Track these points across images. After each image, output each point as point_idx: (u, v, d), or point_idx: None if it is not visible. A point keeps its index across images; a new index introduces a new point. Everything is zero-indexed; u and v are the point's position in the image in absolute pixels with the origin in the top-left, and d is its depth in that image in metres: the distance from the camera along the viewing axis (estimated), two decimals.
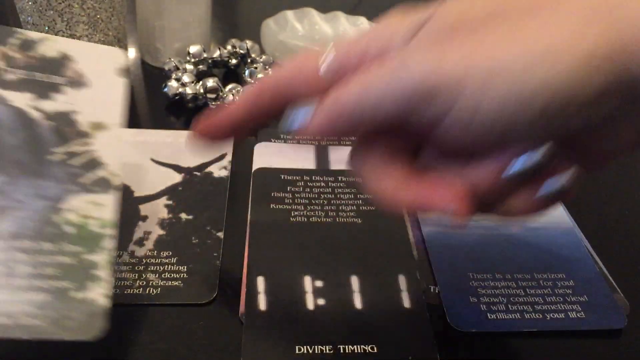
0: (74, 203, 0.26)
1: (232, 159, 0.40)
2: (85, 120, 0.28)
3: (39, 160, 0.26)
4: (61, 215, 0.25)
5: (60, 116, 0.27)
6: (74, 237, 0.25)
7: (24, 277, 0.23)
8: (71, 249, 0.24)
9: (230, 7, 0.66)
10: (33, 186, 0.26)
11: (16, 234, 0.24)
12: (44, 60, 0.29)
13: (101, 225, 0.25)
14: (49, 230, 0.25)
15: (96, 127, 0.28)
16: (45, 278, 0.23)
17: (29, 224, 0.25)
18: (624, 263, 0.34)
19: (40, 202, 0.25)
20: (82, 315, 0.23)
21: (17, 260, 0.24)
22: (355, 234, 0.34)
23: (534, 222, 0.35)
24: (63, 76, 0.29)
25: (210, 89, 0.43)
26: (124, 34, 0.48)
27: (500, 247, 0.33)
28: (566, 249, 0.34)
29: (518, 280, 0.31)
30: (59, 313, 0.23)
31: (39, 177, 0.26)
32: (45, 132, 0.27)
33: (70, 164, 0.27)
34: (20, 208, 0.25)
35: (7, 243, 0.24)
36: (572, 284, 0.31)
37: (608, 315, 0.30)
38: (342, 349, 0.27)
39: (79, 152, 0.27)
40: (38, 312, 0.23)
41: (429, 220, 0.35)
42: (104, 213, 0.26)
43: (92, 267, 0.24)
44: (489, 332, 0.29)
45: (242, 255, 0.32)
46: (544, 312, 0.30)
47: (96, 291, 0.23)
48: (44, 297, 0.23)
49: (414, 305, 0.30)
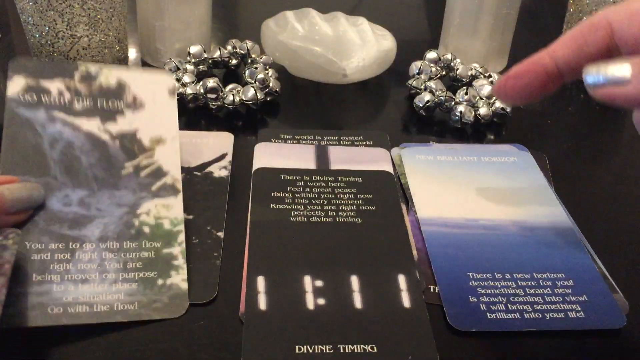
0: (148, 207, 0.30)
1: (232, 159, 0.40)
2: (146, 137, 0.33)
3: (113, 175, 0.31)
4: (138, 218, 0.30)
5: (125, 136, 0.32)
6: (151, 235, 0.29)
7: (114, 272, 0.27)
8: (150, 245, 0.29)
9: (230, 8, 0.66)
10: (111, 197, 0.30)
11: (102, 237, 0.28)
12: (105, 89, 0.33)
13: (172, 223, 0.30)
14: (129, 232, 0.29)
15: (156, 142, 0.33)
16: (132, 271, 0.27)
17: (111, 228, 0.29)
18: (623, 263, 0.34)
19: (119, 209, 0.30)
20: (167, 298, 0.27)
21: (106, 258, 0.28)
22: (355, 234, 0.34)
23: (533, 222, 0.35)
24: (123, 101, 0.33)
25: (211, 89, 0.43)
26: (124, 34, 0.48)
27: (500, 247, 0.33)
28: (566, 249, 0.34)
29: (518, 280, 0.31)
30: (148, 298, 0.27)
31: (115, 189, 0.30)
32: (116, 151, 0.32)
33: (140, 175, 0.31)
34: (102, 216, 0.29)
35: (96, 245, 0.28)
36: (572, 283, 0.31)
37: (608, 315, 0.30)
38: (342, 348, 0.27)
39: (146, 164, 0.32)
40: (130, 298, 0.26)
41: (429, 220, 0.35)
42: (173, 213, 0.30)
43: (170, 258, 0.28)
44: (489, 331, 0.29)
45: (242, 255, 0.32)
46: (544, 311, 0.30)
47: (176, 277, 0.28)
48: (133, 286, 0.27)
49: (414, 305, 0.30)
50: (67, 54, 0.45)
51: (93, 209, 0.29)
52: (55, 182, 0.30)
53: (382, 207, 0.36)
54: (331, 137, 0.42)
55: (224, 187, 0.37)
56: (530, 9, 0.69)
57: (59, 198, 0.30)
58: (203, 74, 0.48)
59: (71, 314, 0.26)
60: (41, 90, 0.32)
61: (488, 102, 0.45)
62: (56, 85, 0.33)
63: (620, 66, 0.23)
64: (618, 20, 0.25)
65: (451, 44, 0.53)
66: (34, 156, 0.30)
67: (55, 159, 0.30)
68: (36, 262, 0.27)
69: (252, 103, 0.44)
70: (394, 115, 0.47)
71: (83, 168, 0.31)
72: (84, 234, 0.29)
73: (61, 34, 0.44)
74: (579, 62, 0.26)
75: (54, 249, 0.28)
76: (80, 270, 0.27)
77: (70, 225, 0.29)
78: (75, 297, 0.26)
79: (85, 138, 0.32)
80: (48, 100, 0.32)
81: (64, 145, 0.31)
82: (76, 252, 0.28)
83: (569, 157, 0.43)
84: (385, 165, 0.40)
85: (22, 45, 0.53)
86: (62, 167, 0.30)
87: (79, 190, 0.30)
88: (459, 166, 0.40)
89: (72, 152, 0.31)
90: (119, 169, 0.31)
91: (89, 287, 0.27)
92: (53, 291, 0.26)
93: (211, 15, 0.51)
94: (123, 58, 0.49)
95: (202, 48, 0.48)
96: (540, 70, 0.26)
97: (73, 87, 0.33)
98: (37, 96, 0.32)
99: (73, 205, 0.29)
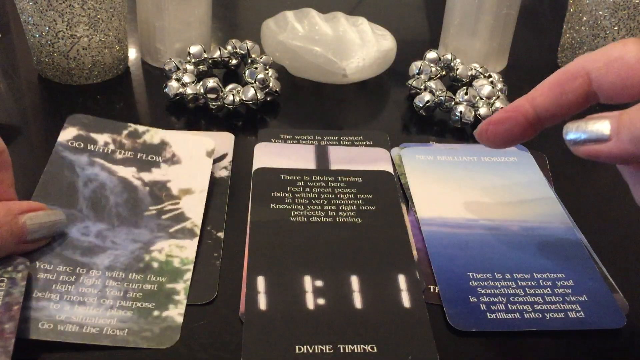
0: (161, 245, 0.31)
1: (232, 159, 0.40)
2: (176, 187, 0.34)
3: (136, 215, 0.32)
4: (150, 254, 0.30)
5: (156, 184, 0.34)
6: (158, 270, 0.30)
7: (113, 299, 0.28)
8: (155, 279, 0.29)
9: (230, 8, 0.66)
10: (129, 233, 0.31)
11: (110, 267, 0.29)
12: (147, 145, 0.36)
13: (182, 262, 0.30)
14: (137, 265, 0.30)
15: (185, 192, 0.34)
16: (130, 300, 0.28)
17: (121, 259, 0.30)
18: (623, 263, 0.34)
19: (134, 244, 0.31)
20: (159, 329, 0.27)
21: (108, 285, 0.28)
22: (355, 234, 0.34)
23: (533, 222, 0.35)
24: (161, 156, 0.36)
25: (211, 89, 0.43)
26: (124, 34, 0.48)
27: (500, 246, 0.33)
28: (566, 249, 0.34)
29: (518, 280, 0.31)
30: (140, 326, 0.27)
31: (134, 227, 0.31)
32: (144, 195, 0.33)
33: (161, 218, 0.32)
34: (116, 248, 0.30)
35: (102, 273, 0.29)
36: (572, 283, 0.31)
37: (608, 315, 0.30)
38: (341, 348, 0.27)
39: (169, 209, 0.33)
40: (121, 325, 0.27)
41: (429, 220, 0.35)
42: (186, 253, 0.31)
43: (172, 293, 0.29)
44: (489, 331, 0.29)
45: (242, 255, 0.32)
46: (544, 311, 0.30)
47: (174, 311, 0.28)
48: (128, 314, 0.27)
49: (414, 305, 0.30)
50: (67, 54, 0.45)
51: (108, 242, 0.30)
52: (80, 215, 0.31)
53: (382, 207, 0.36)
54: (331, 137, 0.42)
55: (224, 187, 0.37)
56: (530, 9, 0.69)
57: (79, 228, 0.31)
58: (203, 74, 0.48)
59: (60, 331, 0.26)
60: (89, 140, 0.35)
61: (488, 102, 0.45)
62: (104, 138, 0.36)
63: (600, 123, 0.24)
64: (595, 68, 0.25)
65: (451, 44, 0.53)
66: (66, 191, 0.32)
67: (86, 195, 0.32)
68: (41, 280, 0.28)
69: (252, 103, 0.44)
70: (393, 115, 0.47)
71: (109, 206, 0.32)
72: (94, 261, 0.29)
73: (61, 34, 0.44)
74: (558, 110, 0.26)
75: (61, 271, 0.29)
76: (80, 293, 0.28)
77: (82, 253, 0.30)
78: (68, 317, 0.27)
79: (118, 181, 0.34)
80: (93, 148, 0.35)
81: (97, 185, 0.33)
82: (81, 276, 0.29)
83: (569, 157, 0.43)
84: (385, 165, 0.40)
85: (22, 45, 0.53)
86: (89, 202, 0.32)
87: (99, 223, 0.31)
88: (459, 166, 0.40)
89: (102, 192, 0.33)
90: (142, 211, 0.32)
91: (84, 309, 0.27)
92: (49, 308, 0.27)
93: (211, 15, 0.51)
94: (123, 58, 0.49)
95: (202, 48, 0.48)
96: (520, 117, 0.27)
97: (118, 141, 0.36)
98: (84, 144, 0.35)
99: (90, 235, 0.30)
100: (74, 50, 0.45)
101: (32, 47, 0.46)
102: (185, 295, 0.29)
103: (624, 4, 0.48)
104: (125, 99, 0.47)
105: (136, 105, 0.47)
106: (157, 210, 0.33)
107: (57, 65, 0.46)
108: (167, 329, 0.27)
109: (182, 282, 0.29)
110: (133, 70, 0.50)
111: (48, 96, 0.46)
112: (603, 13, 0.49)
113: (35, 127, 0.44)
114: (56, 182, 0.33)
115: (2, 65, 0.50)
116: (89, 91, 0.47)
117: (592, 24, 0.50)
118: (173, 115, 0.44)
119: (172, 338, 0.27)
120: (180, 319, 0.28)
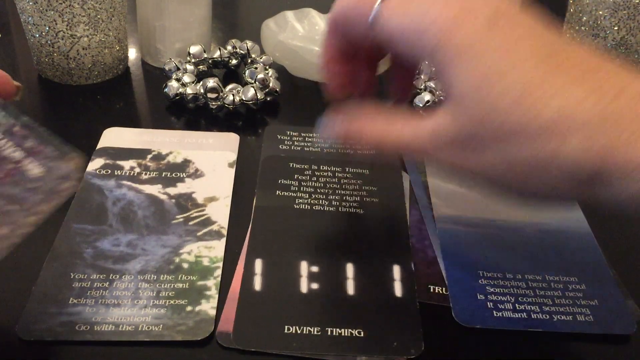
0: (190, 248, 0.32)
1: (239, 146, 0.40)
2: (201, 196, 0.36)
3: (164, 224, 0.34)
4: (179, 256, 0.32)
5: (181, 196, 0.36)
6: (189, 270, 0.31)
7: (147, 299, 0.29)
8: (186, 278, 0.30)
9: (230, 8, 0.66)
10: (158, 240, 0.33)
11: (142, 271, 0.31)
12: (171, 165, 0.38)
13: (211, 260, 0.32)
14: (168, 267, 0.31)
15: (209, 200, 0.36)
16: (164, 298, 0.29)
17: (152, 263, 0.31)
18: (637, 270, 0.33)
19: (164, 249, 0.32)
20: (193, 322, 0.28)
21: (141, 287, 0.30)
22: (355, 224, 0.34)
23: (551, 225, 0.35)
24: (185, 172, 0.37)
25: (211, 89, 0.43)
26: (124, 34, 0.48)
27: (514, 247, 0.33)
28: (581, 254, 0.33)
29: (528, 281, 0.31)
30: (174, 321, 0.28)
31: (163, 234, 0.33)
32: (170, 207, 0.35)
33: (188, 224, 0.34)
34: (146, 255, 0.32)
35: (135, 277, 0.30)
36: (584, 287, 0.31)
37: (617, 321, 0.29)
38: (329, 331, 0.28)
39: (196, 216, 0.34)
40: (156, 321, 0.28)
41: (445, 218, 0.35)
42: (214, 252, 0.32)
43: (204, 289, 0.30)
44: (494, 329, 0.29)
45: (242, 242, 0.33)
46: (552, 313, 0.29)
47: (206, 305, 0.29)
48: (162, 311, 0.29)
49: (405, 295, 0.30)
50: (67, 54, 0.45)
51: (139, 249, 0.32)
52: (110, 229, 0.33)
53: (386, 199, 0.36)
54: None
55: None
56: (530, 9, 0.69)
57: (110, 241, 0.32)
58: (203, 74, 0.48)
59: (96, 331, 0.27)
60: (116, 167, 0.37)
61: None
62: (129, 164, 0.38)
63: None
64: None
65: None
66: (96, 210, 0.34)
67: (115, 212, 0.34)
68: (76, 289, 0.29)
69: (252, 103, 0.44)
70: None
71: (137, 218, 0.34)
72: (126, 267, 0.31)
73: (61, 34, 0.44)
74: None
75: (95, 278, 0.30)
76: (115, 297, 0.29)
77: (114, 261, 0.31)
78: (104, 318, 0.28)
79: (145, 197, 0.35)
80: (120, 173, 0.37)
81: (125, 202, 0.35)
82: (115, 281, 0.30)
83: None
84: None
85: (22, 45, 0.52)
86: (118, 218, 0.34)
87: (129, 234, 0.33)
88: None
89: (130, 208, 0.34)
90: (170, 220, 0.34)
91: (119, 310, 0.28)
92: (85, 312, 0.28)
93: (211, 15, 0.51)
94: (123, 58, 0.49)
95: (202, 48, 0.48)
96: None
97: (143, 164, 0.38)
98: (111, 171, 0.37)
99: (121, 246, 0.32)
100: (74, 50, 0.45)
101: (32, 47, 0.46)
102: (216, 289, 0.30)
103: (624, 4, 0.48)
104: (125, 99, 0.46)
105: (136, 105, 0.47)
106: (184, 218, 0.34)
107: (57, 65, 0.46)
108: (201, 321, 0.28)
109: (213, 278, 0.31)
110: (133, 70, 0.50)
111: (48, 96, 0.46)
112: (603, 13, 0.49)
113: None
114: (86, 204, 0.34)
115: (2, 65, 0.50)
116: (89, 91, 0.47)
117: (592, 24, 0.50)
118: (173, 115, 0.44)
119: (207, 330, 0.28)
120: (213, 312, 0.29)
